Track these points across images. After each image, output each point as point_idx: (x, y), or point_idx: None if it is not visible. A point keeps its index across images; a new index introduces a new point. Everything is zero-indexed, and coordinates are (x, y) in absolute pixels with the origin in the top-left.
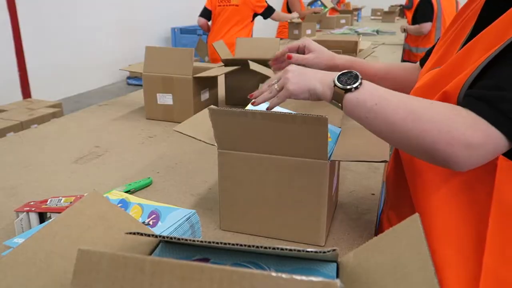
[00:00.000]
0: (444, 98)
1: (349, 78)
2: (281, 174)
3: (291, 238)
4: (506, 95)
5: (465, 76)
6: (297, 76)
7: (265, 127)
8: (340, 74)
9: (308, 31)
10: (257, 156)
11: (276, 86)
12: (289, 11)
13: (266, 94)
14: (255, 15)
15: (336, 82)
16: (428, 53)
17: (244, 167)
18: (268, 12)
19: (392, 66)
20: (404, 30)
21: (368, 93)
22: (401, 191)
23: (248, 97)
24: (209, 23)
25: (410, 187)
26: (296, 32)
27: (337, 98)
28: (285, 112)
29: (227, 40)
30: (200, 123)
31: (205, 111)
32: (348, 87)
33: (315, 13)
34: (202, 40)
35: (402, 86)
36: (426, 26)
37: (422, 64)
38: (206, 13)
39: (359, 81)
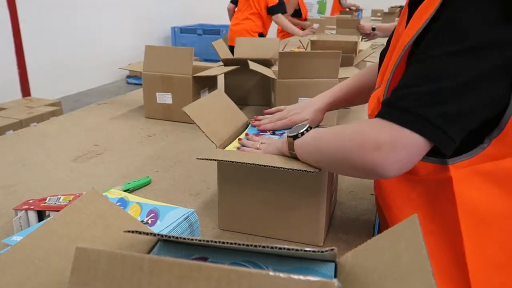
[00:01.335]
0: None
1: (299, 128)
2: (280, 174)
3: (289, 238)
4: (408, 91)
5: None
6: (267, 146)
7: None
8: (293, 128)
9: (316, 25)
10: (257, 155)
11: (258, 145)
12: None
13: (248, 149)
14: (269, 10)
15: (288, 133)
16: (382, 54)
17: (243, 167)
18: (275, 9)
19: (360, 78)
20: (373, 29)
21: (311, 134)
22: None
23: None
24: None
25: (383, 207)
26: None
27: (290, 147)
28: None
29: (240, 28)
30: (209, 108)
31: (217, 93)
32: (295, 133)
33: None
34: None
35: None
36: None
37: (381, 56)
38: None
39: (307, 128)
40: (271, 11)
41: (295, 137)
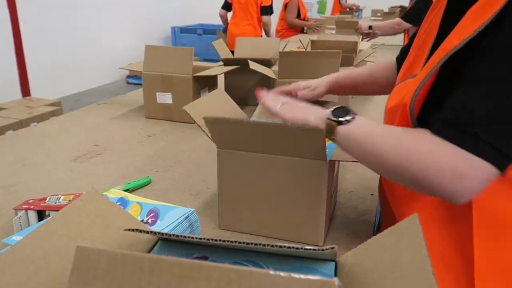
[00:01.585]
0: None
1: (341, 112)
2: (280, 174)
3: (290, 237)
4: (478, 115)
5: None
6: (292, 108)
7: (264, 128)
8: (334, 109)
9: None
10: (256, 155)
11: (279, 105)
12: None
13: (270, 102)
14: (262, 9)
15: (330, 115)
16: (403, 50)
17: (243, 167)
18: (268, 10)
19: (371, 69)
20: (370, 27)
21: (358, 125)
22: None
23: (255, 92)
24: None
25: (390, 200)
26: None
27: (330, 131)
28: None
29: (239, 31)
30: (210, 107)
31: (217, 92)
32: (341, 119)
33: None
34: (220, 32)
35: (382, 87)
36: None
37: (398, 62)
38: (226, 5)
39: (351, 115)
40: (264, 11)
41: (339, 122)
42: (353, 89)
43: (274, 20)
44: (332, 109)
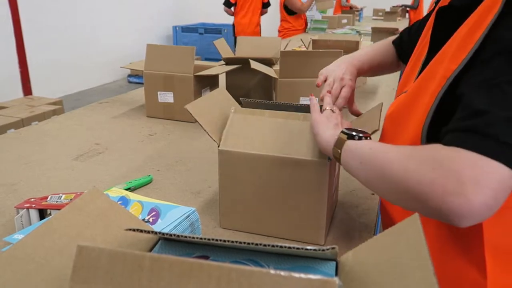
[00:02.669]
0: (415, 132)
1: (355, 130)
2: (281, 173)
3: (290, 237)
4: (490, 117)
5: (425, 113)
6: (329, 118)
7: (270, 123)
8: (350, 128)
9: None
10: (258, 154)
11: (328, 108)
12: (288, 11)
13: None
14: (264, 4)
15: (344, 130)
16: (401, 36)
17: (245, 166)
18: (268, 4)
19: (374, 53)
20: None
21: (369, 144)
22: None
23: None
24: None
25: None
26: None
27: (339, 144)
28: (289, 112)
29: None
30: (211, 106)
31: (219, 91)
32: (354, 133)
33: None
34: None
35: (382, 69)
36: None
37: (395, 45)
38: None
39: (365, 135)
40: (267, 5)
41: (351, 136)
42: (372, 73)
43: (275, 20)
44: (347, 128)
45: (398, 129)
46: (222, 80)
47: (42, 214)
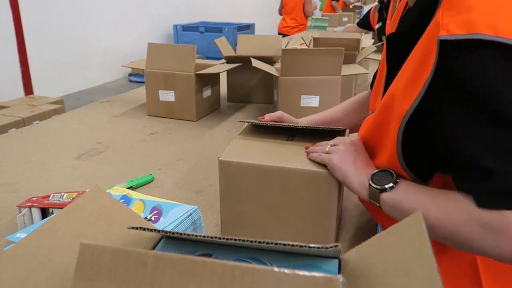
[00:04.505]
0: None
1: (382, 176)
2: (288, 185)
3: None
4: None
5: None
6: (343, 155)
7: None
8: (375, 173)
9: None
10: (262, 165)
11: (328, 148)
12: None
13: (315, 155)
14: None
15: (371, 182)
16: (374, 76)
17: (248, 177)
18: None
19: (348, 105)
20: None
21: (403, 192)
22: None
23: (305, 148)
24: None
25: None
26: None
27: (374, 198)
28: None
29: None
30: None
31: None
32: (385, 186)
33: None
34: None
35: (359, 119)
36: None
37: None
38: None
39: (394, 179)
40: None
41: (383, 190)
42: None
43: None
44: (374, 172)
45: (373, 151)
46: (223, 78)
47: (44, 213)
